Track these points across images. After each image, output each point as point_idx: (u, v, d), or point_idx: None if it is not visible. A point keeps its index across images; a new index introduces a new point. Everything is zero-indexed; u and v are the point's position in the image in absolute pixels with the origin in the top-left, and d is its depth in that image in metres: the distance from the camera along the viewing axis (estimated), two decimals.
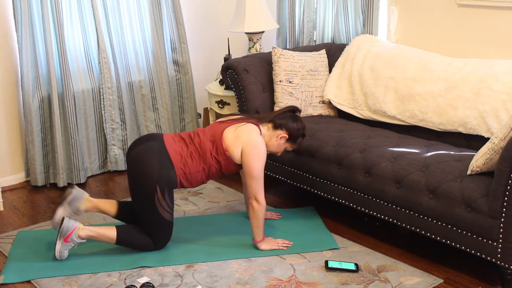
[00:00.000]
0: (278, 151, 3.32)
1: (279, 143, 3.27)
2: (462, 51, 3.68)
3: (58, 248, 3.12)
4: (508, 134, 2.69)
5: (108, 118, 4.36)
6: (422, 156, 3.13)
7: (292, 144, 3.31)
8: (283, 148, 3.32)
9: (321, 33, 4.44)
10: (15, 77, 4.14)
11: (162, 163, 3.08)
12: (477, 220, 2.78)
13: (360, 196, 3.28)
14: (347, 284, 2.93)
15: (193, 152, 3.17)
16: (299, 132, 3.30)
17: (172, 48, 4.64)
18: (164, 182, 3.08)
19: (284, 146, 3.31)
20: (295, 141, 3.30)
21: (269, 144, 3.26)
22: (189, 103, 4.77)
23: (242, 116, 3.34)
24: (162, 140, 3.17)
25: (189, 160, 3.15)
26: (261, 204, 3.15)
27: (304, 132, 3.34)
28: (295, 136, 3.28)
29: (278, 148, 3.30)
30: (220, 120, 3.33)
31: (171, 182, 3.12)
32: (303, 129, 3.32)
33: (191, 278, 3.02)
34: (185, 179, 3.17)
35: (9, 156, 4.24)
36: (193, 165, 3.16)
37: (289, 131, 3.27)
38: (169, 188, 3.12)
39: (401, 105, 3.60)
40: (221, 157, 3.18)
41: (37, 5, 3.98)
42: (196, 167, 3.17)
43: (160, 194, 3.07)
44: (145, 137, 3.25)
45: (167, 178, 3.09)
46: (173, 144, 3.16)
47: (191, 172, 3.16)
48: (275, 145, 3.28)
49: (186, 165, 3.14)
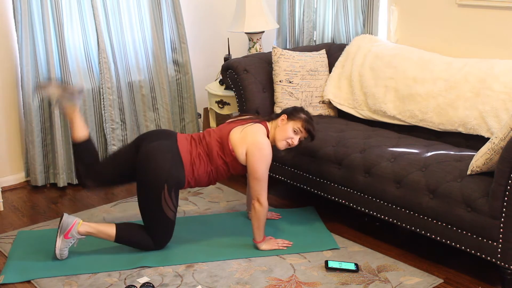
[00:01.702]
0: (287, 135, 3.19)
1: (282, 125, 3.21)
2: (462, 51, 3.68)
3: (58, 245, 3.12)
4: (508, 134, 2.69)
5: (108, 118, 4.36)
6: (422, 156, 3.13)
7: (295, 121, 3.20)
8: (290, 129, 3.19)
9: (321, 33, 4.44)
10: (15, 77, 4.14)
11: (173, 163, 3.10)
12: (477, 220, 2.78)
13: (360, 196, 3.28)
14: (347, 284, 2.93)
15: (201, 153, 3.18)
16: (296, 109, 3.25)
17: (172, 48, 4.64)
18: (173, 181, 3.09)
19: (288, 127, 3.19)
20: (295, 116, 3.21)
21: (276, 133, 3.20)
22: (189, 103, 4.77)
23: (251, 117, 3.33)
24: (176, 139, 3.19)
25: (197, 161, 3.16)
26: (263, 206, 3.15)
27: (304, 110, 3.25)
28: (293, 113, 3.22)
29: (284, 131, 3.19)
30: (230, 120, 3.32)
31: (180, 182, 3.14)
32: (301, 108, 3.27)
33: (191, 278, 3.02)
34: (193, 180, 3.18)
35: (9, 156, 4.24)
36: (201, 166, 3.17)
37: (286, 112, 3.25)
38: (176, 187, 3.13)
39: (401, 105, 3.60)
40: (228, 158, 3.17)
41: (37, 5, 3.98)
42: (205, 168, 3.18)
43: (167, 193, 3.08)
44: (160, 133, 3.27)
45: (176, 178, 3.11)
46: (185, 145, 3.18)
47: (200, 173, 3.17)
48: (280, 130, 3.20)
49: (194, 166, 3.15)
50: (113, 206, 3.89)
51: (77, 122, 3.28)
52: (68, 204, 3.98)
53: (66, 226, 3.11)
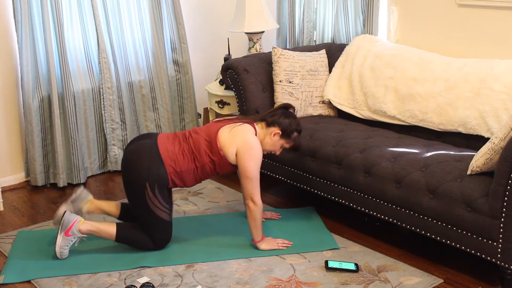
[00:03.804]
0: (274, 149, 3.28)
1: (273, 140, 3.23)
2: (462, 51, 3.68)
3: (59, 243, 3.13)
4: (508, 134, 2.69)
5: (108, 118, 4.36)
6: (422, 156, 3.13)
7: (287, 140, 3.25)
8: (279, 145, 3.26)
9: (321, 33, 4.44)
10: (15, 77, 4.14)
11: (151, 161, 3.10)
12: (477, 220, 2.78)
13: (360, 196, 3.28)
14: (347, 284, 2.93)
15: (185, 150, 3.17)
16: (292, 126, 3.24)
17: (172, 48, 4.64)
18: (153, 179, 3.09)
19: (279, 143, 3.25)
20: (289, 136, 3.25)
21: (264, 143, 3.23)
22: (189, 103, 4.77)
23: (237, 116, 3.35)
24: (156, 138, 3.19)
25: (180, 157, 3.15)
26: (258, 205, 3.15)
27: (298, 127, 3.28)
28: (288, 131, 3.23)
29: (273, 146, 3.26)
30: (217, 120, 3.34)
31: (161, 179, 3.12)
32: (296, 124, 3.26)
33: (191, 278, 3.02)
34: (177, 177, 3.16)
35: (9, 156, 4.24)
36: (185, 163, 3.15)
37: (281, 127, 3.23)
38: (159, 185, 3.12)
39: (401, 105, 3.60)
40: (216, 157, 3.17)
41: (37, 5, 3.98)
42: (188, 165, 3.16)
43: (150, 191, 3.09)
44: (141, 136, 3.29)
45: (156, 176, 3.10)
46: (165, 142, 3.17)
47: (182, 170, 3.16)
48: (270, 143, 3.24)
49: (177, 163, 3.14)
50: None
51: (104, 207, 3.40)
52: None
53: (67, 223, 3.11)
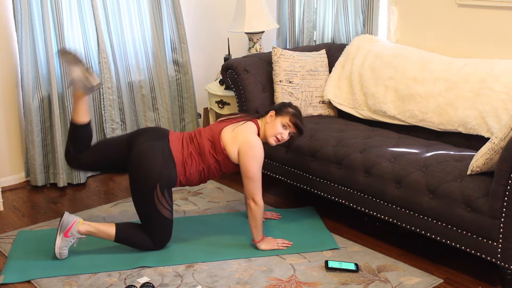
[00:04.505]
0: (276, 131, 3.22)
1: (271, 121, 3.24)
2: (462, 51, 3.68)
3: (58, 244, 3.12)
4: (508, 134, 2.69)
5: (108, 118, 4.36)
6: (422, 156, 3.13)
7: (283, 116, 3.23)
8: (279, 125, 3.22)
9: (321, 33, 4.44)
10: (15, 77, 4.14)
11: (164, 163, 3.11)
12: (477, 220, 2.78)
13: (360, 196, 3.28)
14: (347, 284, 2.93)
15: (192, 152, 3.18)
16: (282, 104, 3.30)
17: (172, 48, 4.64)
18: (164, 181, 3.10)
19: (277, 122, 3.22)
20: (283, 111, 3.24)
21: (266, 130, 3.24)
22: (189, 103, 4.77)
23: (241, 115, 3.35)
24: (168, 139, 3.20)
25: (189, 160, 3.17)
26: (259, 205, 3.15)
27: (292, 105, 3.30)
28: (281, 107, 3.27)
29: (274, 127, 3.22)
30: (220, 119, 3.35)
31: (171, 181, 3.15)
32: (289, 103, 3.31)
33: (191, 278, 3.02)
34: (185, 179, 3.20)
35: (9, 156, 4.24)
36: (193, 165, 3.18)
37: (273, 108, 3.30)
38: (168, 186, 3.14)
39: (401, 105, 3.60)
40: (220, 156, 3.18)
41: (37, 5, 3.98)
42: (196, 167, 3.19)
43: (159, 192, 3.09)
44: (153, 131, 3.28)
45: (168, 177, 3.12)
46: (177, 144, 3.19)
47: (191, 172, 3.18)
48: (269, 127, 3.23)
49: (186, 166, 3.16)
50: (113, 206, 3.89)
51: (81, 106, 3.29)
52: (68, 204, 3.98)
53: (66, 224, 3.11)
